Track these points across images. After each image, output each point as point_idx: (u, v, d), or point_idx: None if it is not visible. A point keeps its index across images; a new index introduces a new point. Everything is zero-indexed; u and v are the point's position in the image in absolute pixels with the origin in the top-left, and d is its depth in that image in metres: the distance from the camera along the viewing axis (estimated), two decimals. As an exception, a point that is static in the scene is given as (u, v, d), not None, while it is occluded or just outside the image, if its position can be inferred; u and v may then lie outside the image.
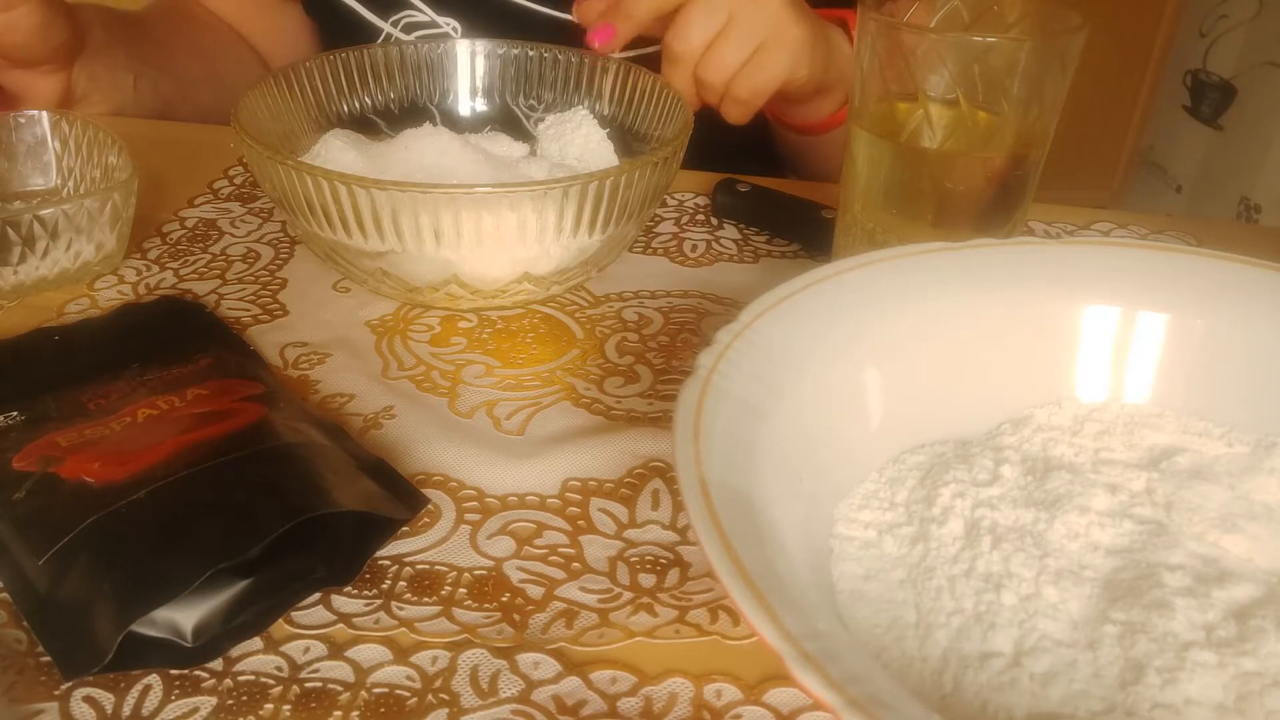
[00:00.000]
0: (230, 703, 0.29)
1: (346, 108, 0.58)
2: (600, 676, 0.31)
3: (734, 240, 0.57)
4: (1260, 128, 1.81)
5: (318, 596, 0.33)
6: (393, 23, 0.72)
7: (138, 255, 0.53)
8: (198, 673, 0.30)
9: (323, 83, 0.56)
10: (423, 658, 0.31)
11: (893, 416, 0.36)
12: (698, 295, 0.52)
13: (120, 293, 0.50)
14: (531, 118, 0.60)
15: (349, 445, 0.38)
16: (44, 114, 0.56)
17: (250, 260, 0.53)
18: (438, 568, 0.35)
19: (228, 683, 0.30)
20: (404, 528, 0.36)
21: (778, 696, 0.30)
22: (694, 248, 0.56)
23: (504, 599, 0.33)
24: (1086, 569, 0.30)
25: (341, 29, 0.73)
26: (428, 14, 0.72)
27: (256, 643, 0.31)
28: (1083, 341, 0.38)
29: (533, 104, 0.60)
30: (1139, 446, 0.36)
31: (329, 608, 0.33)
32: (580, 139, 0.55)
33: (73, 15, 0.62)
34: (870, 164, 0.46)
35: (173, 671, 0.30)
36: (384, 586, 0.34)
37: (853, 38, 0.63)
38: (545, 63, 0.59)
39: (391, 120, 0.59)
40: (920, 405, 0.36)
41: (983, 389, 0.37)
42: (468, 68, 0.60)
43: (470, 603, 0.33)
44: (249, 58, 0.82)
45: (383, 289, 0.48)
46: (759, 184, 0.59)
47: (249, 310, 0.49)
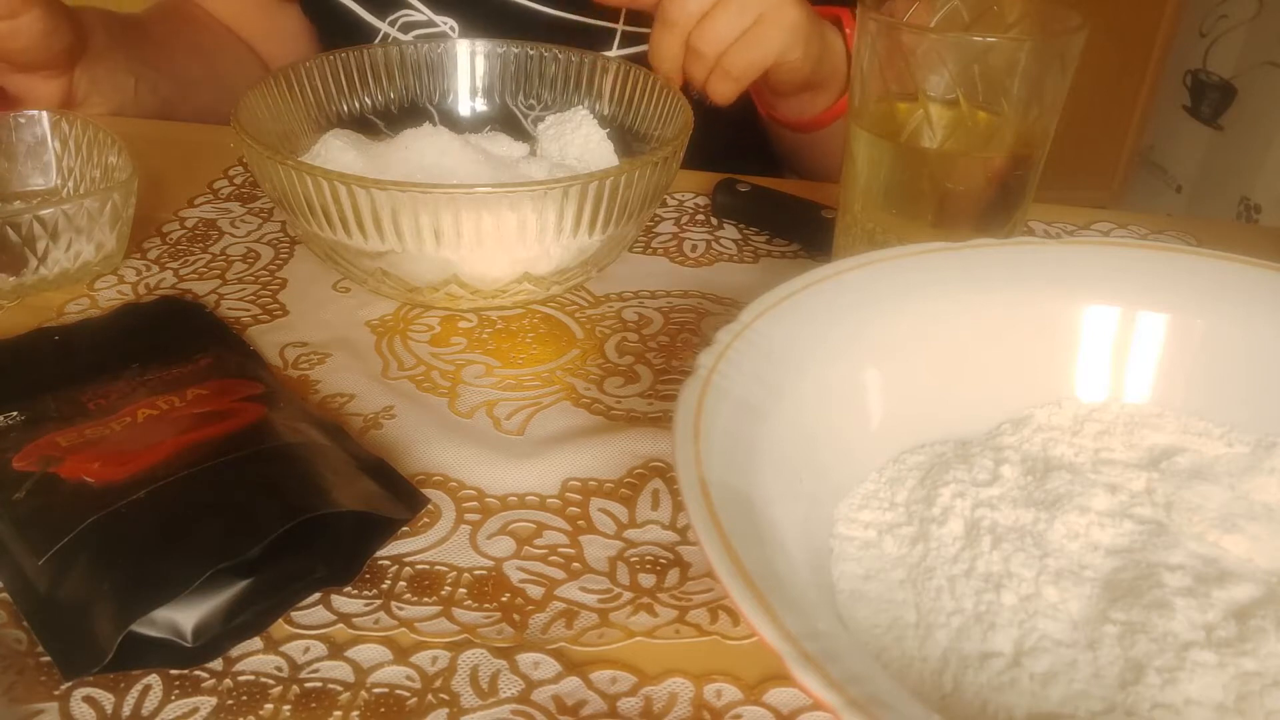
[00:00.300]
0: (230, 703, 0.29)
1: (346, 108, 0.58)
2: (600, 676, 0.31)
3: (734, 240, 0.57)
4: (1260, 128, 1.81)
5: (318, 596, 0.33)
6: (390, 22, 0.72)
7: (138, 255, 0.53)
8: (198, 673, 0.30)
9: (323, 83, 0.56)
10: (423, 658, 0.31)
11: (893, 416, 0.36)
12: (698, 295, 0.52)
13: (120, 293, 0.50)
14: (530, 117, 0.60)
15: (349, 445, 0.38)
16: (44, 114, 0.56)
17: (250, 260, 0.53)
18: (438, 568, 0.35)
19: (228, 683, 0.30)
20: (404, 528, 0.36)
21: (778, 696, 0.30)
22: (694, 248, 0.56)
23: (504, 599, 0.33)
24: (1086, 569, 0.30)
25: (339, 29, 0.73)
26: (425, 13, 0.71)
27: (256, 643, 0.31)
28: (1083, 341, 0.38)
29: (531, 104, 0.60)
30: (1139, 446, 0.36)
31: (329, 608, 0.33)
32: (580, 139, 0.55)
33: (74, 20, 0.63)
34: (870, 164, 0.46)
35: (173, 671, 0.30)
36: (384, 586, 0.34)
37: (847, 36, 0.63)
38: (545, 62, 0.59)
39: (391, 120, 0.58)
40: (920, 405, 0.36)
41: (983, 389, 0.37)
42: (468, 67, 0.60)
43: (470, 603, 0.33)
44: (248, 59, 0.82)
45: (383, 289, 0.48)
46: (759, 184, 0.59)
47: (249, 310, 0.49)
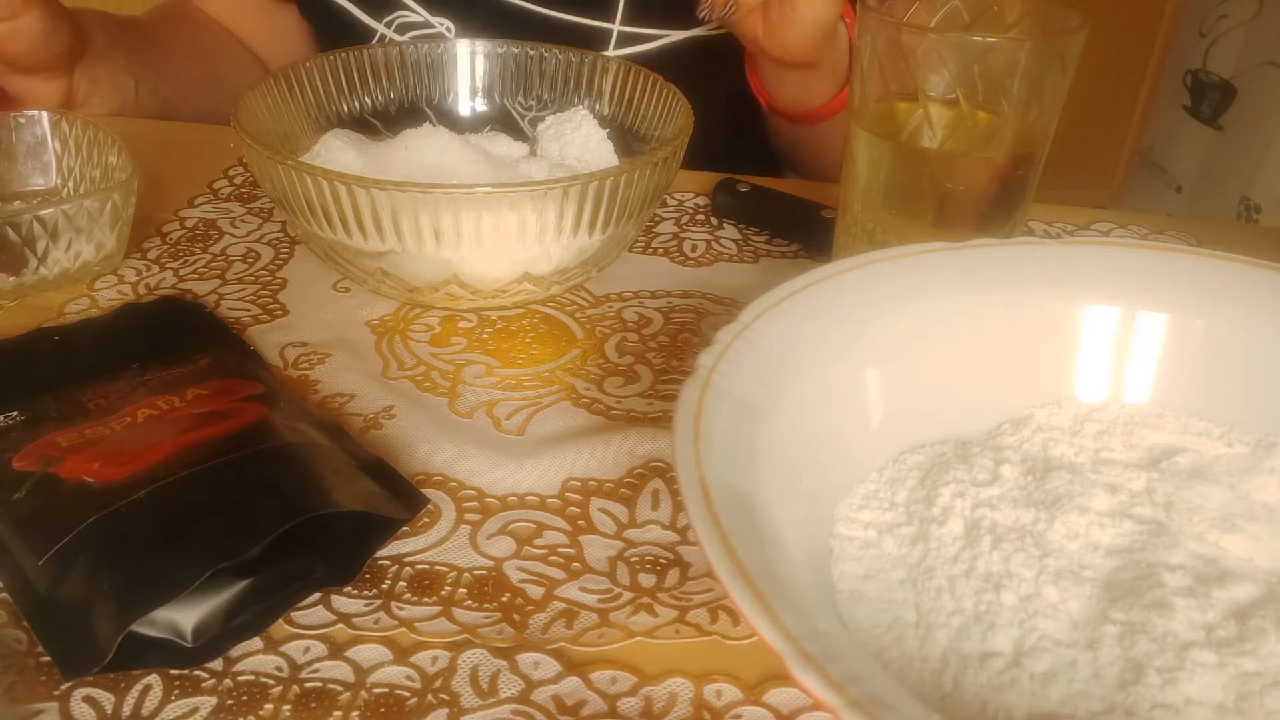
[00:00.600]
0: (230, 703, 0.29)
1: (346, 108, 0.57)
2: (600, 676, 0.31)
3: (734, 240, 0.57)
4: (1260, 128, 1.81)
5: (318, 596, 0.33)
6: (386, 23, 0.72)
7: (138, 255, 0.53)
8: (198, 673, 0.30)
9: (322, 83, 0.56)
10: (423, 658, 0.31)
11: (893, 416, 0.36)
12: (698, 295, 0.52)
13: (120, 293, 0.50)
14: (527, 118, 0.60)
15: (349, 445, 0.38)
16: (44, 114, 0.56)
17: (250, 260, 0.53)
18: (438, 568, 0.35)
19: (228, 683, 0.30)
20: (404, 528, 0.36)
21: (778, 696, 0.30)
22: (694, 248, 0.56)
23: (504, 599, 0.33)
24: (1086, 569, 0.30)
25: (336, 29, 0.73)
26: (421, 14, 0.71)
27: (256, 643, 0.31)
28: (1083, 341, 0.38)
29: (529, 105, 0.60)
30: (1139, 446, 0.36)
31: (329, 608, 0.33)
32: (580, 139, 0.55)
33: (74, 21, 0.63)
34: (870, 164, 0.46)
35: (173, 671, 0.30)
36: (384, 586, 0.34)
37: (849, 25, 0.63)
38: (545, 62, 0.59)
39: (391, 121, 0.58)
40: (920, 405, 0.36)
41: (983, 389, 0.37)
42: (467, 67, 0.60)
43: (470, 603, 0.33)
44: (248, 60, 0.82)
45: (383, 289, 0.48)
46: (759, 184, 0.59)
47: (249, 310, 0.49)
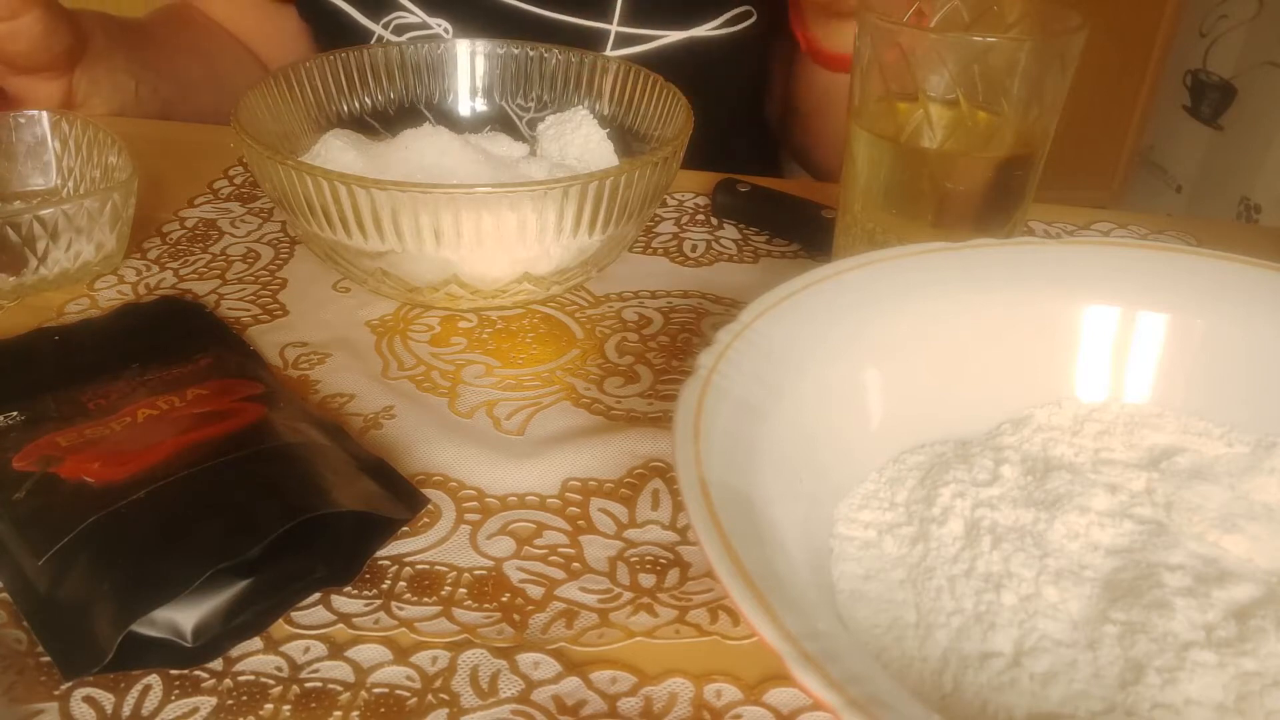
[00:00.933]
0: (230, 703, 0.29)
1: (346, 108, 0.57)
2: (600, 676, 0.31)
3: (734, 240, 0.57)
4: (1260, 128, 1.81)
5: (318, 596, 0.33)
6: (384, 24, 0.72)
7: (138, 255, 0.53)
8: (198, 673, 0.30)
9: (322, 83, 0.56)
10: (423, 658, 0.31)
11: (893, 416, 0.36)
12: (698, 295, 0.52)
13: (120, 293, 0.50)
14: (524, 119, 0.60)
15: (349, 445, 0.38)
16: (44, 114, 0.56)
17: (250, 260, 0.53)
18: (438, 568, 0.35)
19: (228, 683, 0.30)
20: (404, 528, 0.36)
21: (778, 696, 0.30)
22: (694, 248, 0.56)
23: (504, 599, 0.33)
24: (1086, 569, 0.30)
25: (333, 30, 0.73)
26: (419, 15, 0.71)
27: (256, 643, 0.31)
28: (1083, 341, 0.38)
29: (527, 106, 0.60)
30: (1139, 446, 0.36)
31: (329, 608, 0.33)
32: (580, 139, 0.55)
33: (73, 22, 0.63)
34: (870, 164, 0.46)
35: (173, 671, 0.30)
36: (384, 586, 0.34)
37: None
38: (545, 62, 0.59)
39: (392, 120, 0.58)
40: (920, 405, 0.36)
41: (983, 389, 0.37)
42: (468, 67, 0.60)
43: (470, 603, 0.33)
44: (248, 61, 0.82)
45: (383, 289, 0.48)
46: (759, 184, 0.59)
47: (249, 310, 0.49)
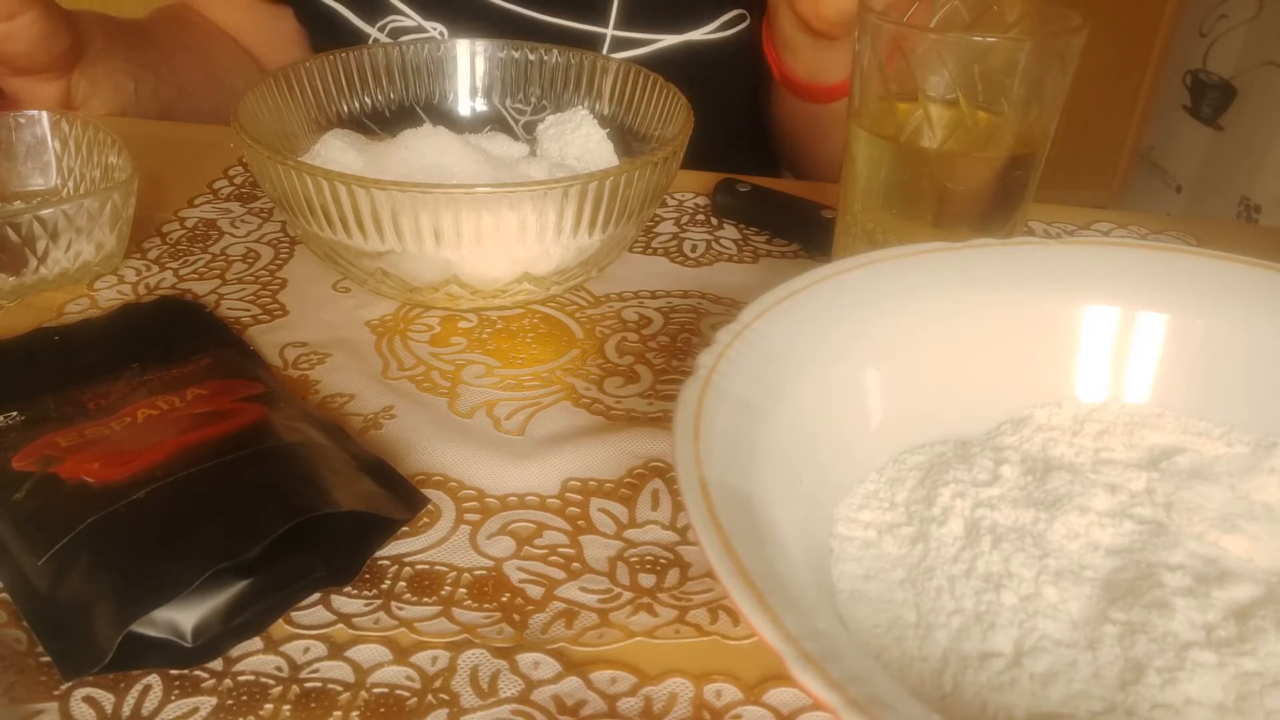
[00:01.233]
0: (230, 703, 0.29)
1: (346, 108, 0.57)
2: (600, 676, 0.31)
3: (734, 240, 0.57)
4: (1260, 128, 1.81)
5: (318, 596, 0.33)
6: (379, 28, 0.72)
7: (138, 255, 0.53)
8: (198, 673, 0.30)
9: (322, 83, 0.56)
10: (423, 658, 0.31)
11: (893, 416, 0.36)
12: (698, 295, 0.52)
13: (120, 293, 0.50)
14: (521, 122, 0.60)
15: (349, 445, 0.38)
16: (44, 114, 0.56)
17: (250, 260, 0.53)
18: (438, 568, 0.35)
19: (228, 683, 0.30)
20: (404, 528, 0.36)
21: (778, 696, 0.30)
22: (694, 248, 0.56)
23: (504, 599, 0.33)
24: (1086, 569, 0.30)
25: (329, 34, 0.73)
26: (414, 18, 0.71)
27: (256, 643, 0.31)
28: (1083, 341, 0.38)
29: (527, 106, 0.60)
30: (1139, 446, 0.36)
31: (329, 608, 0.33)
32: (580, 139, 0.55)
33: (72, 22, 0.63)
34: (870, 164, 0.46)
35: (173, 671, 0.30)
36: (384, 586, 0.34)
37: None
38: (545, 63, 0.59)
39: (392, 120, 0.58)
40: (920, 405, 0.36)
41: (983, 389, 0.37)
42: (467, 68, 0.60)
43: (470, 603, 0.33)
44: (247, 63, 0.82)
45: (383, 289, 0.48)
46: (759, 184, 0.59)
47: (249, 310, 0.49)
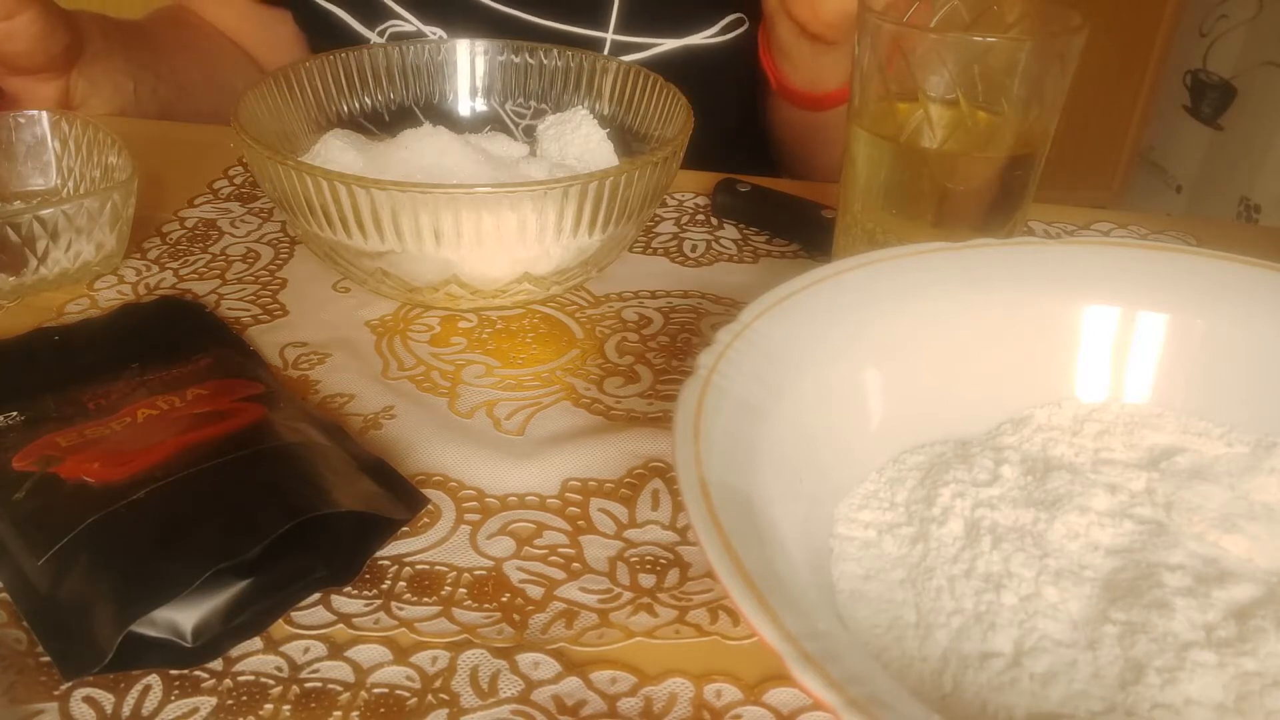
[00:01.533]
0: (230, 703, 0.29)
1: (346, 108, 0.57)
2: (600, 676, 0.31)
3: (734, 240, 0.57)
4: (1260, 128, 1.81)
5: (318, 596, 0.33)
6: (379, 32, 0.72)
7: (138, 255, 0.53)
8: (198, 673, 0.30)
9: (322, 83, 0.56)
10: (423, 658, 0.31)
11: (893, 416, 0.36)
12: (698, 295, 0.52)
13: (120, 293, 0.50)
14: (520, 125, 0.60)
15: (349, 445, 0.38)
16: (44, 114, 0.56)
17: (250, 260, 0.53)
18: (438, 568, 0.35)
19: (228, 683, 0.30)
20: (404, 528, 0.36)
21: (778, 696, 0.30)
22: (694, 248, 0.56)
23: (504, 599, 0.33)
24: (1086, 569, 0.30)
25: (328, 37, 0.73)
26: (413, 23, 0.71)
27: (256, 643, 0.31)
28: (1083, 341, 0.38)
29: (527, 108, 0.60)
30: (1139, 446, 0.36)
31: (329, 608, 0.33)
32: (580, 139, 0.55)
33: (71, 22, 0.62)
34: (870, 164, 0.46)
35: (173, 671, 0.30)
36: (384, 586, 0.34)
37: None
38: (545, 63, 0.59)
39: (392, 121, 0.58)
40: (920, 405, 0.36)
41: (983, 389, 0.37)
42: (468, 69, 0.60)
43: (470, 603, 0.33)
44: (246, 64, 0.82)
45: (383, 289, 0.48)
46: (759, 184, 0.59)
47: (249, 310, 0.49)
